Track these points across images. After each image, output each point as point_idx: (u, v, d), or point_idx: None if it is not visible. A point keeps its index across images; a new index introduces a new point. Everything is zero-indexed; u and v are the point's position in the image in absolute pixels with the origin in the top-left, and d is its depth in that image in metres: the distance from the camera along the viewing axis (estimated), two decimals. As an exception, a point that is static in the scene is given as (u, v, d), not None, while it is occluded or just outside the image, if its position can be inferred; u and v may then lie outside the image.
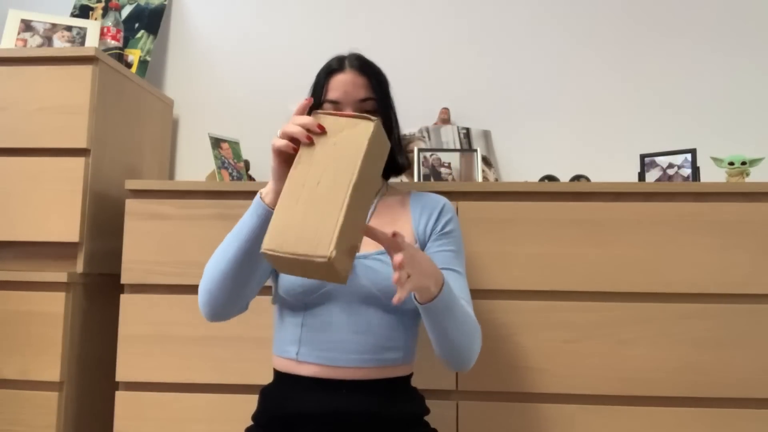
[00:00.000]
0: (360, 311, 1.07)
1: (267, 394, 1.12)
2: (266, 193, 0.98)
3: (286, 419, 1.05)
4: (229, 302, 1.04)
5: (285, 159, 0.93)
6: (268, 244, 0.80)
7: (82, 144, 1.56)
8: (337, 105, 1.13)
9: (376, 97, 1.16)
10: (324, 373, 1.05)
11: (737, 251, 1.43)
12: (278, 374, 1.12)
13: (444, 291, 0.96)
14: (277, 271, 1.12)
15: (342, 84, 1.14)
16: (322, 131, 0.87)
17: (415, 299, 0.98)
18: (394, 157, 1.20)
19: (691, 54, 1.98)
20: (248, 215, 1.00)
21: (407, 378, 1.14)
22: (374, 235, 0.88)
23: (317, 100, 1.17)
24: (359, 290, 1.06)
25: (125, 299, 1.50)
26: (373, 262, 1.08)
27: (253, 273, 1.02)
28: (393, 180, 1.30)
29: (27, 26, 1.76)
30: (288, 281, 1.08)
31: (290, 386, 1.07)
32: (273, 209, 0.94)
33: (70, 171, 1.55)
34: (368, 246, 1.10)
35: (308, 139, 0.87)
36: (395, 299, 0.85)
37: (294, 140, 0.90)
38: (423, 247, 1.15)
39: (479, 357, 1.41)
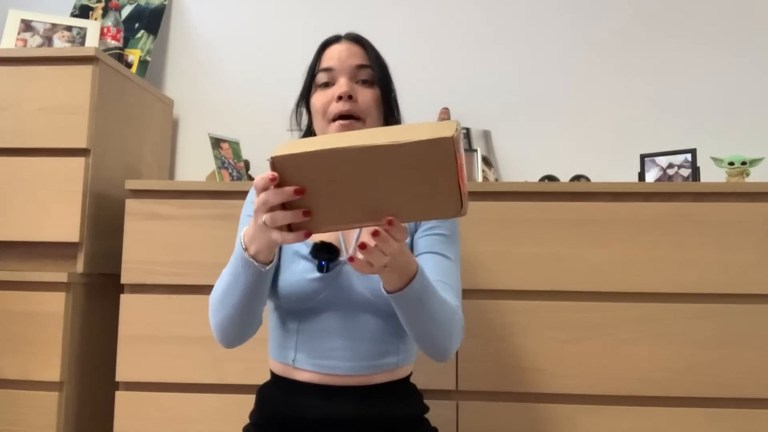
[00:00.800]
0: (356, 318, 1.04)
1: (264, 394, 1.11)
2: (256, 251, 0.89)
3: (284, 423, 1.05)
4: (242, 335, 1.04)
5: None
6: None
7: (82, 144, 1.56)
8: (330, 72, 1.08)
9: (374, 66, 1.09)
10: (321, 380, 1.04)
11: (737, 251, 1.43)
12: (275, 376, 1.11)
13: (414, 284, 0.89)
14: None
15: (336, 52, 1.10)
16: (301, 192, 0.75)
17: (383, 289, 0.93)
18: None
19: (691, 54, 1.98)
20: (242, 272, 0.92)
21: (406, 379, 1.13)
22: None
23: (311, 76, 1.13)
24: (355, 297, 1.04)
25: (125, 299, 1.50)
26: None
27: (257, 311, 1.01)
28: None
29: (27, 26, 1.77)
30: (284, 289, 1.05)
31: (287, 390, 1.06)
32: (267, 268, 0.91)
33: (70, 171, 1.55)
34: None
35: (306, 215, 0.76)
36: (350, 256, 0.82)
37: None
38: (412, 234, 1.11)
39: (479, 356, 1.42)
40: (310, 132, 1.19)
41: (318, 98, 1.10)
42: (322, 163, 0.71)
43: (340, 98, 1.05)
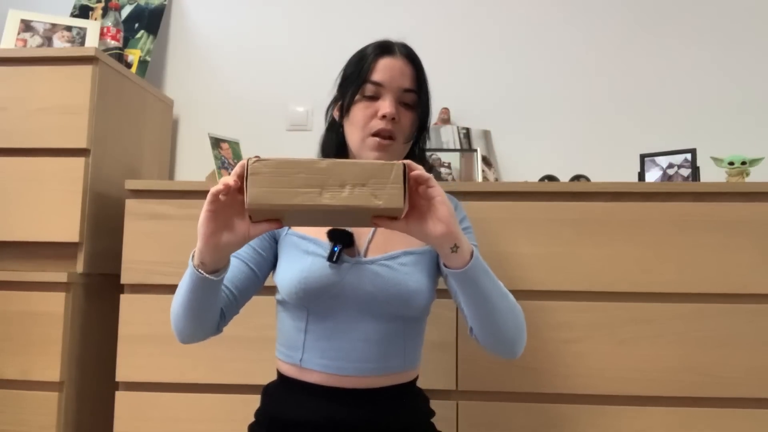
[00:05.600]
0: (365, 319, 1.04)
1: (271, 394, 1.11)
2: (199, 262, 0.91)
3: (289, 425, 1.05)
4: (193, 336, 1.06)
5: (216, 210, 0.86)
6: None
7: (82, 144, 1.56)
8: (379, 87, 1.08)
9: (418, 92, 1.11)
10: (328, 381, 1.03)
11: (737, 251, 1.43)
12: (282, 376, 1.11)
13: (476, 255, 0.93)
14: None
15: (389, 68, 1.08)
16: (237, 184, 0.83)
17: (445, 266, 0.94)
18: (419, 160, 1.16)
19: (691, 54, 1.98)
20: (189, 281, 0.95)
21: (412, 382, 1.13)
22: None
23: (356, 77, 1.10)
24: (365, 297, 1.03)
25: (125, 299, 1.50)
26: (380, 267, 1.05)
27: (208, 316, 1.01)
28: None
29: (27, 26, 1.76)
30: (294, 284, 1.04)
31: (294, 391, 1.06)
32: (207, 276, 0.91)
33: (70, 171, 1.55)
34: (375, 250, 1.08)
35: (235, 183, 0.82)
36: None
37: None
38: None
39: (479, 356, 1.42)
40: (333, 129, 1.18)
41: (361, 109, 1.09)
42: (288, 210, 0.82)
43: (384, 117, 1.07)
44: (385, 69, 1.08)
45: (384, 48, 1.11)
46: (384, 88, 1.08)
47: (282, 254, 1.11)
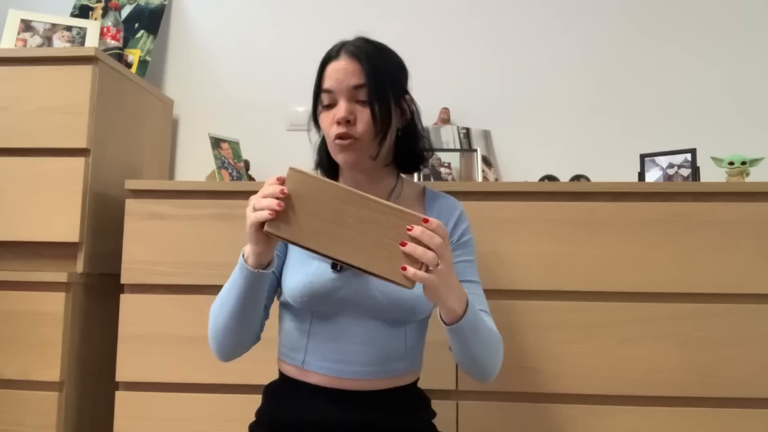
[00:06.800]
0: (369, 323, 1.05)
1: (272, 394, 1.11)
2: (248, 254, 0.96)
3: (290, 425, 1.05)
4: (236, 346, 1.06)
5: (262, 226, 0.90)
6: None
7: (82, 144, 1.56)
8: (331, 94, 1.09)
9: (370, 84, 1.07)
10: (330, 383, 1.04)
11: (737, 251, 1.43)
12: (283, 377, 1.11)
13: (468, 311, 0.95)
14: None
15: (335, 72, 1.09)
16: (284, 195, 0.87)
17: (441, 320, 0.97)
18: (412, 149, 1.17)
19: (691, 54, 1.98)
20: (238, 276, 0.98)
21: (413, 384, 1.13)
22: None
23: (317, 90, 1.14)
24: (369, 302, 1.04)
25: (125, 299, 1.50)
26: None
27: (252, 321, 1.03)
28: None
29: (27, 26, 1.77)
30: (299, 289, 1.05)
31: (295, 392, 1.06)
32: (258, 272, 0.95)
33: (70, 171, 1.55)
34: None
35: (280, 206, 0.86)
36: (411, 274, 0.85)
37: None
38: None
39: (479, 357, 1.42)
40: (323, 145, 1.19)
41: (323, 120, 1.12)
42: (321, 190, 0.88)
43: (338, 122, 1.08)
44: (331, 75, 1.09)
45: (329, 54, 1.12)
46: (336, 94, 1.09)
47: (289, 257, 1.11)
